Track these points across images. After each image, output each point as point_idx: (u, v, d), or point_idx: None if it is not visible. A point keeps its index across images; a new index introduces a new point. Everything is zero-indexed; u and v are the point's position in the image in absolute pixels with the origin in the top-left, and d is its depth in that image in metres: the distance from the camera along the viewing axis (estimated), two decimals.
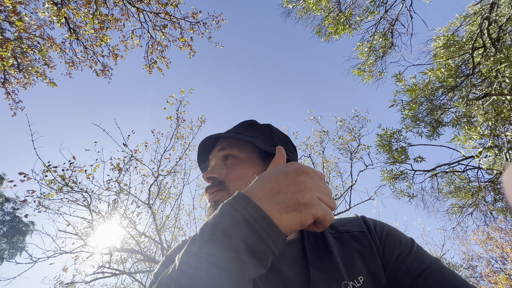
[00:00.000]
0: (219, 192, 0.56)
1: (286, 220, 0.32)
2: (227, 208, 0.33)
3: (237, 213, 0.31)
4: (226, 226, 0.30)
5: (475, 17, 4.92)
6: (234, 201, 0.33)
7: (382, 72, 5.96)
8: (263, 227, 0.31)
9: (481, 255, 10.34)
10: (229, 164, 0.59)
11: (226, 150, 0.60)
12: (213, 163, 0.62)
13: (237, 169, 0.57)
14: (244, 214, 0.31)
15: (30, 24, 5.66)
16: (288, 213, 0.32)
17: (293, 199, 0.33)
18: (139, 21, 5.91)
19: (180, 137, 6.19)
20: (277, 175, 0.36)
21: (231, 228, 0.30)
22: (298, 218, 0.32)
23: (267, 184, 0.35)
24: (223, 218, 0.32)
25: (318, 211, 0.33)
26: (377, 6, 5.31)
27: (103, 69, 6.44)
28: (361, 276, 0.46)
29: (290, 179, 0.35)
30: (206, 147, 0.65)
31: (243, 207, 0.32)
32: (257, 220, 0.31)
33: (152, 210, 5.08)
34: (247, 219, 0.31)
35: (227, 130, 0.67)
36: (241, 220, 0.31)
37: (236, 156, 0.60)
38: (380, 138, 5.76)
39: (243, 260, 0.29)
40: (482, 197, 5.63)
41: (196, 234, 0.33)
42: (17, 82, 6.37)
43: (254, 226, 0.30)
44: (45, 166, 4.36)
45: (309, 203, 0.33)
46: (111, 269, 4.60)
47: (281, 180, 0.35)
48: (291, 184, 0.34)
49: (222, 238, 0.30)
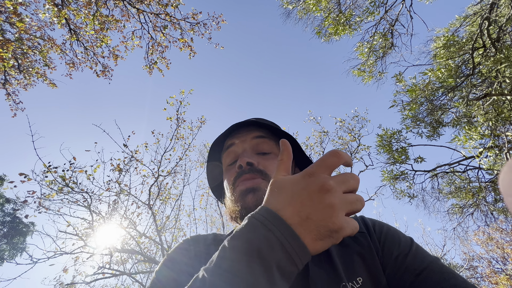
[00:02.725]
0: (260, 180, 0.54)
1: (319, 246, 0.32)
2: (260, 227, 0.31)
3: (272, 236, 0.30)
4: (261, 248, 0.30)
5: (475, 18, 4.92)
6: (267, 220, 0.32)
7: (382, 73, 5.96)
8: (298, 253, 0.30)
9: (481, 255, 10.33)
10: (265, 156, 0.58)
11: (263, 139, 0.59)
12: (244, 148, 0.59)
13: (275, 163, 0.56)
14: (280, 238, 0.30)
15: (31, 25, 5.68)
16: (321, 240, 0.32)
17: (325, 226, 0.31)
18: (139, 22, 5.92)
19: (180, 138, 6.19)
20: (300, 197, 0.33)
21: (266, 250, 0.30)
22: (330, 243, 0.32)
23: (293, 206, 0.33)
24: (257, 239, 0.30)
25: (347, 231, 0.32)
26: (377, 6, 5.32)
27: (104, 70, 6.45)
28: (360, 277, 0.46)
29: (316, 203, 0.32)
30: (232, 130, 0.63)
31: (279, 230, 0.31)
32: (293, 247, 0.30)
33: (152, 210, 5.08)
34: (283, 244, 0.30)
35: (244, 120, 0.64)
36: (277, 244, 0.30)
37: (272, 151, 0.59)
38: (380, 139, 5.76)
39: (275, 281, 0.29)
40: (483, 198, 5.62)
41: (225, 248, 0.32)
42: (18, 83, 6.39)
43: (290, 253, 0.30)
44: (46, 167, 4.37)
45: (341, 228, 0.32)
46: (111, 269, 4.60)
47: (307, 203, 0.32)
48: (319, 210, 0.32)
49: (257, 260, 0.29)
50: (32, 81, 6.40)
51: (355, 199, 0.34)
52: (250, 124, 0.63)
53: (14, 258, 12.18)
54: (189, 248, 0.55)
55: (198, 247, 0.56)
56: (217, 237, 0.60)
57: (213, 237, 0.60)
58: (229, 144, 0.61)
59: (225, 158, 0.62)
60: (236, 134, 0.62)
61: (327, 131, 7.14)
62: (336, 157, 0.34)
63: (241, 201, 0.53)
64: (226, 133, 0.62)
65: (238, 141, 0.60)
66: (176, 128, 5.94)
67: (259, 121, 0.62)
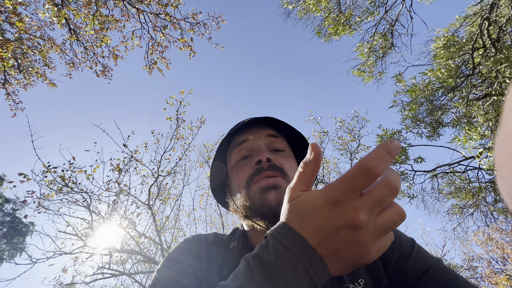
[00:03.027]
0: (281, 179, 0.53)
1: (346, 272, 0.30)
2: (286, 253, 0.28)
3: (298, 264, 0.27)
4: (288, 277, 0.27)
5: (475, 18, 4.92)
6: (294, 246, 0.28)
7: (382, 73, 5.96)
8: (322, 281, 0.28)
9: (481, 256, 10.33)
10: (280, 154, 0.57)
11: (276, 138, 0.58)
12: (258, 144, 0.57)
13: (290, 162, 0.56)
14: (309, 270, 0.28)
15: (31, 25, 5.67)
16: (348, 270, 0.30)
17: (354, 261, 0.29)
18: (139, 22, 5.92)
19: (180, 138, 6.19)
20: (326, 231, 0.28)
21: (294, 281, 0.27)
22: (356, 268, 0.30)
23: (319, 238, 0.28)
24: (283, 268, 0.28)
25: (377, 257, 0.30)
26: (377, 6, 5.32)
27: (103, 70, 6.45)
28: (362, 278, 0.46)
29: (344, 239, 0.28)
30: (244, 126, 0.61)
31: (305, 257, 0.28)
32: (319, 275, 0.28)
33: (152, 210, 5.08)
34: (311, 276, 0.28)
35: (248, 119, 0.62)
36: (304, 275, 0.27)
37: (285, 150, 0.59)
38: (380, 139, 5.75)
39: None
40: (483, 198, 5.61)
41: (252, 269, 0.29)
42: (17, 83, 6.38)
43: (316, 282, 0.28)
44: (45, 167, 4.36)
45: (371, 260, 0.29)
46: (111, 270, 4.59)
47: (334, 238, 0.28)
48: (347, 247, 0.28)
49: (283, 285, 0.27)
50: (32, 81, 6.40)
51: (391, 222, 0.28)
52: (261, 121, 0.62)
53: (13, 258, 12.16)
54: (190, 248, 0.55)
55: (199, 247, 0.55)
56: (218, 237, 0.60)
57: (213, 236, 0.60)
58: (242, 140, 0.59)
59: (235, 154, 0.59)
60: (248, 130, 0.60)
61: (327, 131, 7.14)
62: (368, 178, 0.26)
63: (261, 198, 0.51)
64: (236, 129, 0.60)
65: (252, 137, 0.58)
66: (175, 128, 5.94)
67: (271, 119, 0.60)
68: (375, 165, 0.26)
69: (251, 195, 0.52)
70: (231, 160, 0.60)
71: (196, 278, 0.49)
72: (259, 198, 0.51)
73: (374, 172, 0.26)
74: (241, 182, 0.55)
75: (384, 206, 0.28)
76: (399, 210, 0.29)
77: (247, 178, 0.54)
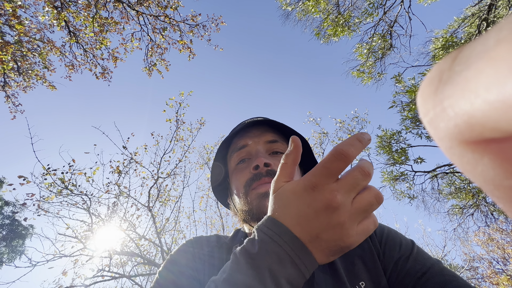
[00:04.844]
0: None
1: (330, 260, 0.32)
2: (270, 243, 0.30)
3: (282, 252, 0.29)
4: (273, 264, 0.29)
5: (473, 19, 4.94)
6: (277, 236, 0.30)
7: (381, 74, 5.98)
8: (307, 267, 0.30)
9: (482, 256, 10.31)
10: (279, 157, 0.57)
11: (277, 143, 0.58)
12: (257, 149, 0.57)
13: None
14: (291, 254, 0.29)
15: (30, 27, 5.68)
16: (332, 256, 0.31)
17: (336, 246, 0.30)
18: (138, 24, 5.94)
19: (180, 140, 6.19)
20: (307, 216, 0.30)
21: (277, 266, 0.29)
22: (340, 255, 0.32)
23: (301, 224, 0.31)
24: (268, 257, 0.30)
25: (358, 242, 0.31)
26: (375, 8, 5.34)
27: (103, 72, 6.46)
28: (363, 281, 0.46)
29: (324, 223, 0.30)
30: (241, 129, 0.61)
31: (289, 247, 0.30)
32: (304, 263, 0.30)
33: (152, 212, 5.07)
34: (294, 261, 0.29)
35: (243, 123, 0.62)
36: (288, 261, 0.29)
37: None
38: (380, 139, 5.76)
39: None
40: (483, 198, 5.62)
41: (238, 261, 0.31)
42: (17, 86, 6.38)
43: (301, 268, 0.30)
44: (45, 169, 4.36)
45: (352, 244, 0.31)
46: (110, 272, 4.58)
47: (315, 223, 0.30)
48: (328, 230, 0.30)
49: (269, 278, 0.29)
50: (32, 83, 6.40)
51: (368, 204, 0.30)
52: (261, 123, 0.61)
53: (13, 261, 12.13)
54: (191, 250, 0.55)
55: (200, 249, 0.55)
56: (220, 240, 0.59)
57: (215, 239, 0.59)
58: (242, 145, 0.59)
59: (234, 158, 0.60)
60: (248, 133, 0.60)
61: (326, 132, 7.15)
62: (341, 160, 0.28)
63: (259, 204, 0.51)
64: (236, 131, 0.61)
65: (252, 142, 0.58)
66: (175, 130, 5.94)
67: (270, 121, 0.60)
68: (347, 149, 0.28)
69: (250, 201, 0.53)
70: (231, 163, 0.60)
71: (195, 280, 0.49)
72: (257, 204, 0.51)
73: (346, 155, 0.28)
74: (239, 187, 0.55)
75: (359, 189, 0.30)
76: (375, 192, 0.30)
77: (244, 184, 0.54)
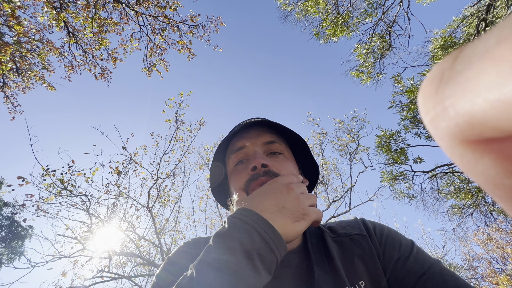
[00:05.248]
0: None
1: (298, 227, 0.39)
2: (238, 222, 0.38)
3: (250, 227, 0.37)
4: (243, 239, 0.35)
5: (472, 19, 4.95)
6: (244, 216, 0.38)
7: (380, 74, 5.98)
8: (274, 241, 0.36)
9: (481, 255, 10.32)
10: (277, 158, 0.57)
11: (274, 144, 0.58)
12: (255, 150, 0.57)
13: (287, 165, 0.56)
14: (256, 227, 0.37)
15: (29, 28, 5.67)
16: (298, 222, 0.40)
17: (298, 211, 0.41)
18: (138, 25, 5.93)
19: (179, 140, 6.18)
20: (274, 193, 0.43)
21: (247, 241, 0.35)
22: (305, 224, 0.40)
23: (269, 200, 0.41)
24: (237, 232, 0.37)
25: (314, 216, 0.42)
26: (374, 8, 5.35)
27: (102, 73, 6.45)
28: (362, 280, 0.46)
29: (286, 196, 0.42)
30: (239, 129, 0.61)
31: (254, 221, 0.37)
32: (270, 236, 0.37)
33: (152, 213, 5.06)
34: (261, 234, 0.36)
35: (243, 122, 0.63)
36: (256, 235, 0.36)
37: (283, 153, 0.59)
38: (379, 139, 5.76)
39: (256, 266, 0.34)
40: (482, 198, 5.63)
41: (210, 245, 0.37)
42: (16, 86, 6.37)
43: (268, 241, 0.36)
44: (44, 170, 4.35)
45: (309, 212, 0.41)
46: (110, 273, 4.57)
47: (279, 197, 0.42)
48: (290, 200, 0.41)
49: (240, 251, 0.34)
50: (31, 84, 6.39)
51: (310, 195, 0.45)
52: (258, 124, 0.61)
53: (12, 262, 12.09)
54: (189, 251, 0.55)
55: (199, 250, 0.55)
56: None
57: None
58: (239, 146, 0.59)
59: (232, 159, 0.59)
60: (245, 134, 0.60)
61: (326, 132, 7.15)
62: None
63: None
64: (233, 133, 0.60)
65: (249, 143, 0.58)
66: (175, 130, 5.93)
67: (268, 122, 0.60)
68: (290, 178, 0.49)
69: None
70: (230, 165, 0.60)
71: None
72: None
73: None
74: (237, 188, 0.55)
75: (302, 189, 0.46)
76: (312, 194, 0.46)
77: (242, 185, 0.54)
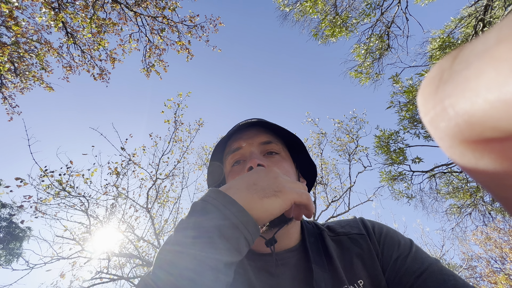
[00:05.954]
0: None
1: (266, 204, 0.36)
2: (198, 203, 0.36)
3: (207, 204, 0.35)
4: (198, 216, 0.34)
5: (469, 20, 4.97)
6: (206, 196, 0.37)
7: (379, 74, 6.00)
8: (233, 213, 0.34)
9: (480, 255, 10.36)
10: (274, 159, 0.57)
11: (271, 144, 0.58)
12: (251, 151, 0.57)
13: (284, 165, 0.56)
14: (213, 203, 0.35)
15: (27, 28, 5.65)
16: (267, 198, 0.36)
17: (269, 187, 0.37)
18: (136, 25, 5.92)
19: (178, 141, 6.17)
20: (250, 174, 0.40)
21: (203, 217, 0.33)
22: (277, 202, 0.36)
23: (242, 179, 0.39)
24: (195, 212, 0.35)
25: (294, 195, 0.37)
26: (373, 8, 5.37)
27: (101, 73, 6.43)
28: (361, 279, 0.46)
29: (262, 175, 0.39)
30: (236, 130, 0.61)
31: (213, 198, 0.35)
32: (226, 206, 0.34)
33: (151, 214, 5.05)
34: (219, 208, 0.34)
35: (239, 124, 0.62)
36: (211, 209, 0.34)
37: (280, 153, 0.58)
38: (378, 140, 5.78)
39: (215, 242, 0.32)
40: (481, 197, 5.65)
41: (171, 235, 0.36)
42: (14, 87, 6.34)
43: (224, 212, 0.34)
44: (42, 171, 4.33)
45: (284, 190, 0.37)
46: (109, 274, 4.56)
47: (255, 176, 0.39)
48: (265, 179, 0.39)
49: (196, 228, 0.33)
50: (29, 84, 6.36)
51: (296, 181, 0.41)
52: (255, 125, 0.61)
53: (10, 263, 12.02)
54: None
55: None
56: None
57: None
58: (236, 147, 0.59)
59: (229, 160, 0.60)
60: (242, 135, 0.60)
61: (325, 133, 7.16)
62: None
63: None
64: (230, 134, 0.60)
65: (246, 144, 0.58)
66: (174, 131, 5.92)
67: (264, 122, 0.60)
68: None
69: None
70: (227, 165, 0.60)
71: None
72: None
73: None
74: None
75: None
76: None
77: None
